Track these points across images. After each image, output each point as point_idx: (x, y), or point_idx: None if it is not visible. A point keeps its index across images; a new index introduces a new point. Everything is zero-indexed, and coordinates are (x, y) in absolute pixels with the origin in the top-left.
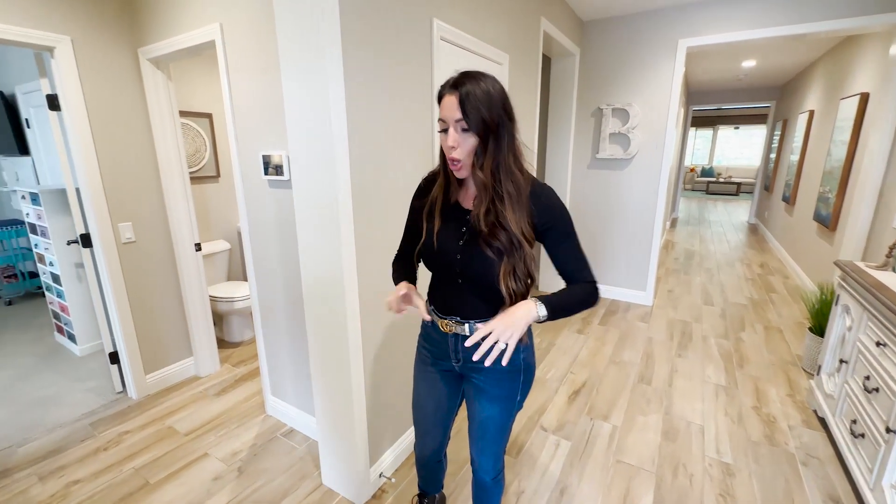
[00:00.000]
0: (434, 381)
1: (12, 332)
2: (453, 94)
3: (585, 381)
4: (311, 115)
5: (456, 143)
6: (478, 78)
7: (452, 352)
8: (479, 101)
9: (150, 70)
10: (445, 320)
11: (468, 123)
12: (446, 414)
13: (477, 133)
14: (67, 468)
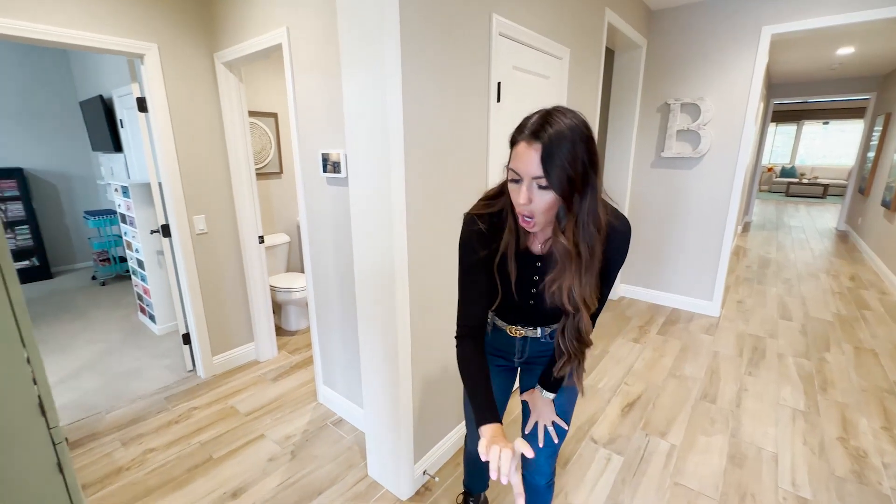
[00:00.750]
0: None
1: (104, 310)
2: (532, 146)
3: (641, 393)
4: (368, 113)
5: (529, 200)
6: (562, 124)
7: (518, 351)
8: (564, 159)
9: (224, 73)
10: (514, 326)
11: (550, 183)
12: (501, 409)
13: (561, 194)
14: (145, 436)
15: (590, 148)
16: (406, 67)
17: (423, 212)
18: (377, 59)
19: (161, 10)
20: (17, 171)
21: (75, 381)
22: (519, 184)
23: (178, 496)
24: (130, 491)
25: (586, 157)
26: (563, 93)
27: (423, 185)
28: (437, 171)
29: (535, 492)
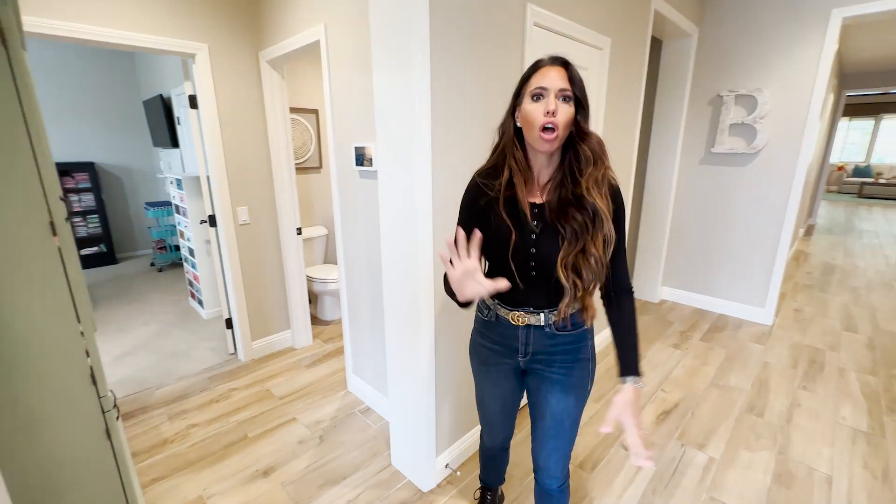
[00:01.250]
0: (496, 379)
1: (159, 294)
2: (557, 66)
3: (679, 402)
4: (395, 106)
5: (553, 111)
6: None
7: (522, 345)
8: (580, 81)
9: (268, 70)
10: (516, 312)
11: (574, 93)
12: (512, 409)
13: (579, 106)
14: (189, 412)
15: None
16: (435, 61)
17: (451, 203)
18: (405, 52)
19: (211, 12)
20: (89, 164)
21: (131, 359)
22: (543, 98)
23: (215, 470)
24: (173, 462)
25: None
26: (602, 85)
27: (450, 178)
28: (464, 164)
29: (549, 496)
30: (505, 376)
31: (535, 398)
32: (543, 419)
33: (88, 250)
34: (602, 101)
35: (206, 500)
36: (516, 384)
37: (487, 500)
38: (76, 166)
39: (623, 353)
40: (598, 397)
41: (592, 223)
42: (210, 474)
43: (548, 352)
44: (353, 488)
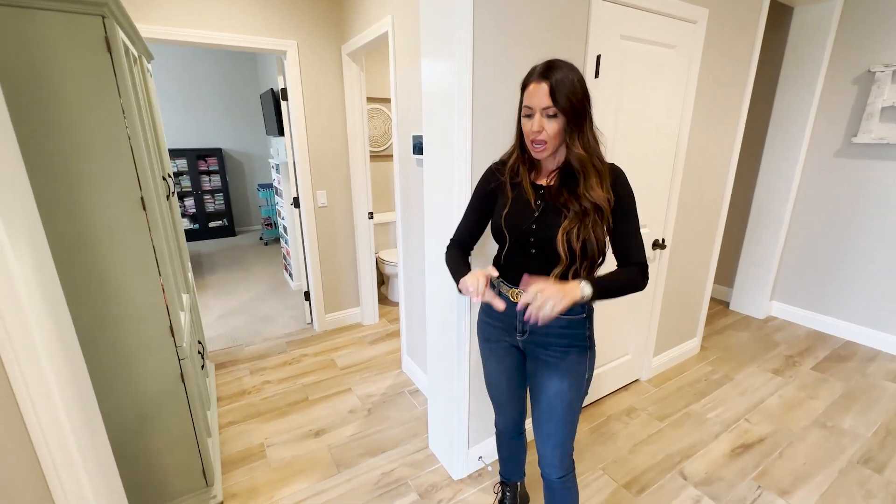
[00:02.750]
0: (501, 356)
1: (262, 265)
2: (542, 84)
3: (765, 436)
4: (437, 91)
5: (540, 127)
6: (563, 67)
7: (520, 323)
8: (567, 90)
9: (348, 63)
10: (516, 290)
11: (558, 109)
12: (519, 386)
13: (566, 116)
14: (266, 370)
15: (585, 89)
16: (479, 45)
17: None
18: (448, 35)
19: (301, 11)
20: (217, 150)
21: (231, 318)
22: (531, 117)
23: (278, 423)
24: (246, 411)
25: (581, 90)
26: (693, 65)
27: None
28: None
29: (549, 487)
30: (508, 353)
31: (531, 382)
32: (539, 403)
33: (214, 223)
34: (691, 86)
35: (266, 447)
36: (520, 361)
37: (507, 496)
38: (207, 152)
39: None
40: (663, 416)
41: (593, 211)
42: (273, 426)
43: (544, 333)
44: (390, 462)
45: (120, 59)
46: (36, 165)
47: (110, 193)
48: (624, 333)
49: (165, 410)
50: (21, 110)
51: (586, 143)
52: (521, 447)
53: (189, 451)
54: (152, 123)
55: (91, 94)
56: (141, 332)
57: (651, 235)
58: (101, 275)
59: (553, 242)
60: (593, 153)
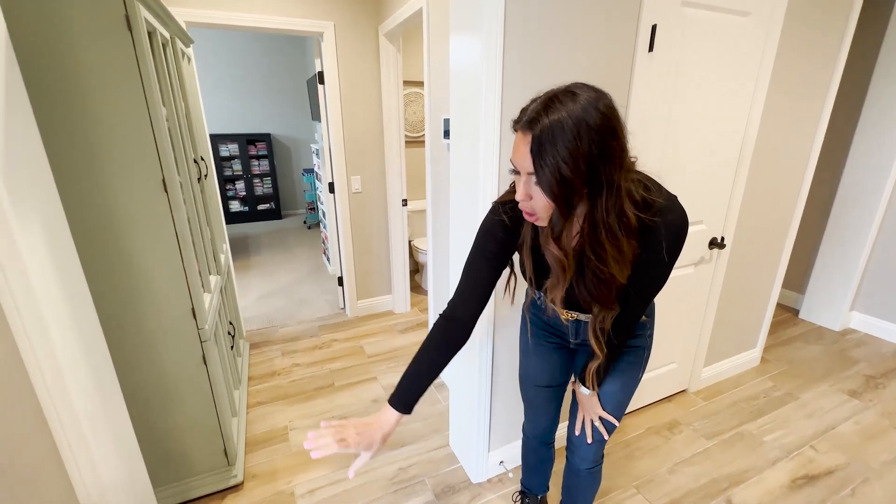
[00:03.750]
0: (547, 352)
1: (304, 248)
2: (526, 138)
3: (835, 468)
4: (463, 72)
5: (526, 196)
6: (562, 111)
7: (572, 334)
8: (559, 156)
9: (385, 44)
10: (566, 311)
11: (539, 182)
12: (559, 389)
13: (552, 196)
14: (297, 353)
15: (603, 137)
16: (511, 12)
17: None
18: (476, 11)
19: None
20: (266, 135)
21: (269, 299)
22: (519, 177)
23: (302, 407)
24: (274, 392)
25: (596, 149)
26: (771, 35)
27: None
28: None
29: (576, 475)
30: (556, 349)
31: (582, 375)
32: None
33: (262, 206)
34: (767, 61)
35: (289, 430)
36: (566, 362)
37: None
38: (257, 137)
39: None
40: (711, 434)
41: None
42: (298, 410)
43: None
44: (408, 457)
45: (141, 38)
46: (58, 146)
47: (132, 174)
48: (670, 340)
49: (188, 391)
50: (43, 89)
51: (595, 223)
52: (549, 458)
53: (211, 431)
54: (185, 106)
55: (112, 74)
56: (163, 313)
57: (707, 233)
58: (124, 256)
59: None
60: (608, 234)
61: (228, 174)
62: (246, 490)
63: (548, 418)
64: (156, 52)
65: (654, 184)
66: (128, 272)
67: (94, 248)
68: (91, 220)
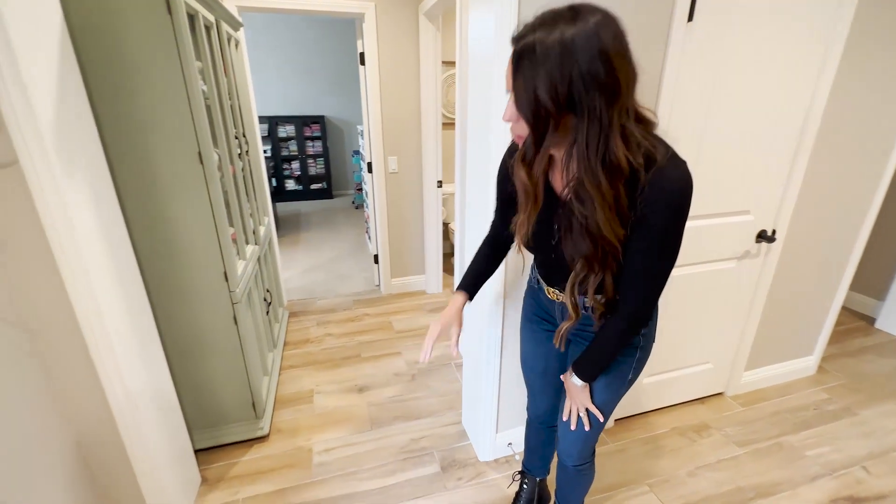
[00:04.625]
0: (541, 340)
1: (349, 227)
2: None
3: (887, 494)
4: (477, 50)
5: (510, 117)
6: (557, 28)
7: (559, 317)
8: (540, 77)
9: (425, 23)
10: (550, 288)
11: (517, 103)
12: (554, 373)
13: (527, 119)
14: (330, 324)
15: (595, 66)
16: None
17: None
18: None
19: None
20: (320, 117)
21: (312, 273)
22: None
23: (329, 374)
24: (306, 358)
25: (585, 76)
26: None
27: None
28: None
29: (563, 470)
30: (549, 337)
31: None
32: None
33: (315, 185)
34: (840, 27)
35: (314, 394)
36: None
37: (524, 488)
38: (311, 118)
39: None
40: (744, 442)
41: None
42: (324, 376)
43: (587, 329)
44: (420, 430)
45: (180, 21)
46: (109, 117)
47: (171, 146)
48: (706, 337)
49: (220, 346)
50: (96, 68)
51: (580, 156)
52: (551, 440)
53: (241, 385)
54: (228, 85)
55: (154, 53)
56: (198, 274)
57: (754, 224)
58: (165, 218)
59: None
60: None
61: (285, 154)
62: (270, 442)
63: (546, 402)
64: (197, 34)
65: (664, 145)
66: (168, 234)
67: (140, 209)
68: (137, 184)
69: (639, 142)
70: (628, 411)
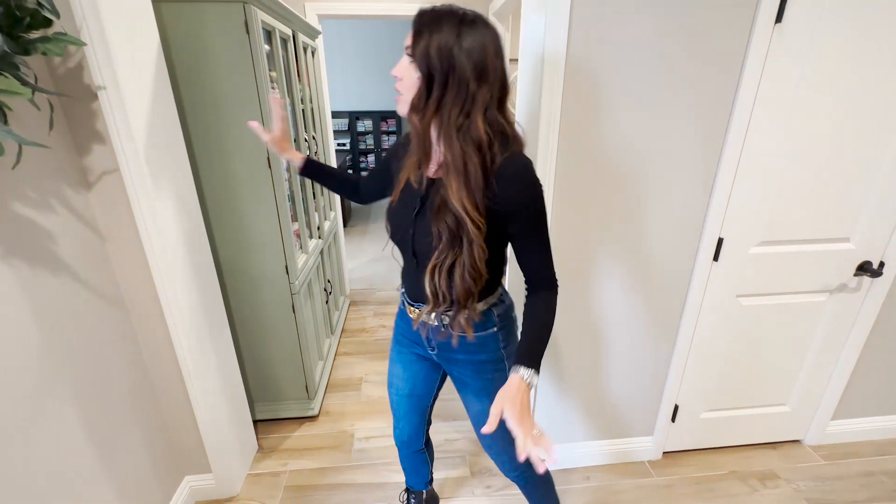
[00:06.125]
0: (408, 363)
1: None
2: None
3: None
4: (529, 53)
5: (399, 73)
6: (462, 10)
7: (425, 339)
8: (437, 36)
9: (494, 23)
10: (413, 307)
11: (413, 52)
12: (420, 399)
13: (421, 70)
14: (386, 315)
15: (480, 52)
16: None
17: (578, 192)
18: None
19: None
20: (394, 112)
21: (376, 264)
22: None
23: (379, 364)
24: (359, 347)
25: (469, 50)
26: None
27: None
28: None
29: (516, 483)
30: (417, 360)
31: (460, 395)
32: (470, 418)
33: None
34: None
35: (363, 382)
36: (430, 373)
37: (412, 502)
38: (387, 114)
39: (524, 343)
40: (817, 500)
41: (460, 227)
42: (374, 366)
43: (453, 351)
44: (456, 431)
45: (256, 38)
46: (196, 124)
47: (245, 150)
48: (784, 376)
49: (280, 331)
50: (184, 82)
51: (441, 120)
52: (424, 460)
53: (296, 368)
54: (302, 92)
55: (234, 67)
56: (263, 266)
57: (855, 254)
58: (238, 214)
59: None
60: (445, 137)
61: (362, 147)
62: (318, 422)
63: (410, 427)
64: (274, 47)
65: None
66: (240, 228)
67: (218, 205)
68: (216, 184)
69: (502, 129)
70: (680, 445)
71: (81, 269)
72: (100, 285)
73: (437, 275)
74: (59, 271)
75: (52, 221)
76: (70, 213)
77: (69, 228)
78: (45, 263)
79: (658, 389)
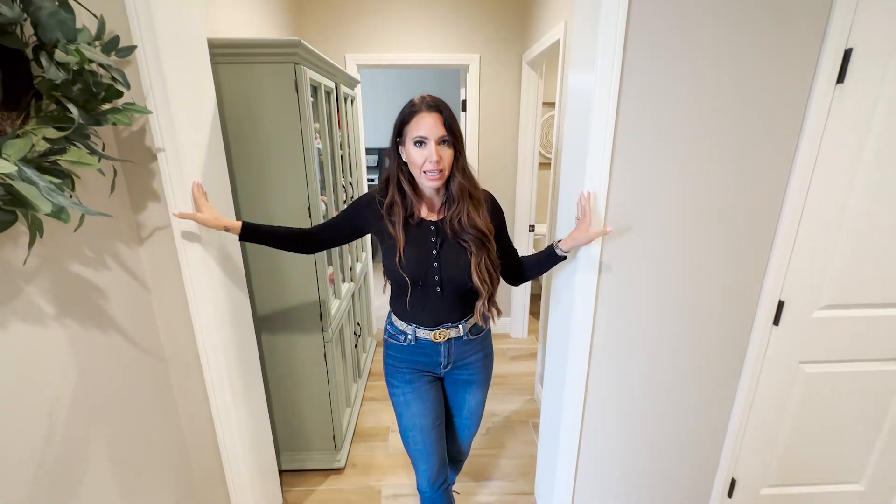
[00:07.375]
0: (423, 393)
1: None
2: (434, 114)
3: None
4: (576, 110)
5: (438, 156)
6: (444, 102)
7: (444, 357)
8: (455, 123)
9: (528, 71)
10: (437, 331)
11: (453, 139)
12: (442, 422)
13: (457, 148)
14: None
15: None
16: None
17: (637, 227)
18: (592, 42)
19: (485, 26)
20: None
21: None
22: (424, 146)
23: None
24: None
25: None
26: None
27: (636, 197)
28: (678, 180)
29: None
30: (431, 386)
31: (452, 400)
32: (460, 416)
33: None
34: None
35: (389, 432)
36: (439, 393)
37: None
38: None
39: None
40: None
41: (485, 238)
42: None
43: (465, 356)
44: (488, 494)
45: (304, 95)
46: (244, 172)
47: (286, 197)
48: (856, 451)
49: (310, 380)
50: (237, 138)
51: (469, 173)
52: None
53: (325, 417)
54: (341, 139)
55: (282, 122)
56: (299, 313)
57: None
58: (279, 265)
59: (464, 279)
60: (474, 182)
61: None
62: (344, 476)
63: (439, 457)
64: (318, 100)
65: None
66: (278, 276)
67: (258, 256)
68: None
69: None
70: None
71: (129, 324)
72: (145, 339)
73: (481, 270)
74: (108, 328)
75: (104, 278)
76: (122, 269)
77: (120, 284)
78: (95, 320)
79: (713, 461)
